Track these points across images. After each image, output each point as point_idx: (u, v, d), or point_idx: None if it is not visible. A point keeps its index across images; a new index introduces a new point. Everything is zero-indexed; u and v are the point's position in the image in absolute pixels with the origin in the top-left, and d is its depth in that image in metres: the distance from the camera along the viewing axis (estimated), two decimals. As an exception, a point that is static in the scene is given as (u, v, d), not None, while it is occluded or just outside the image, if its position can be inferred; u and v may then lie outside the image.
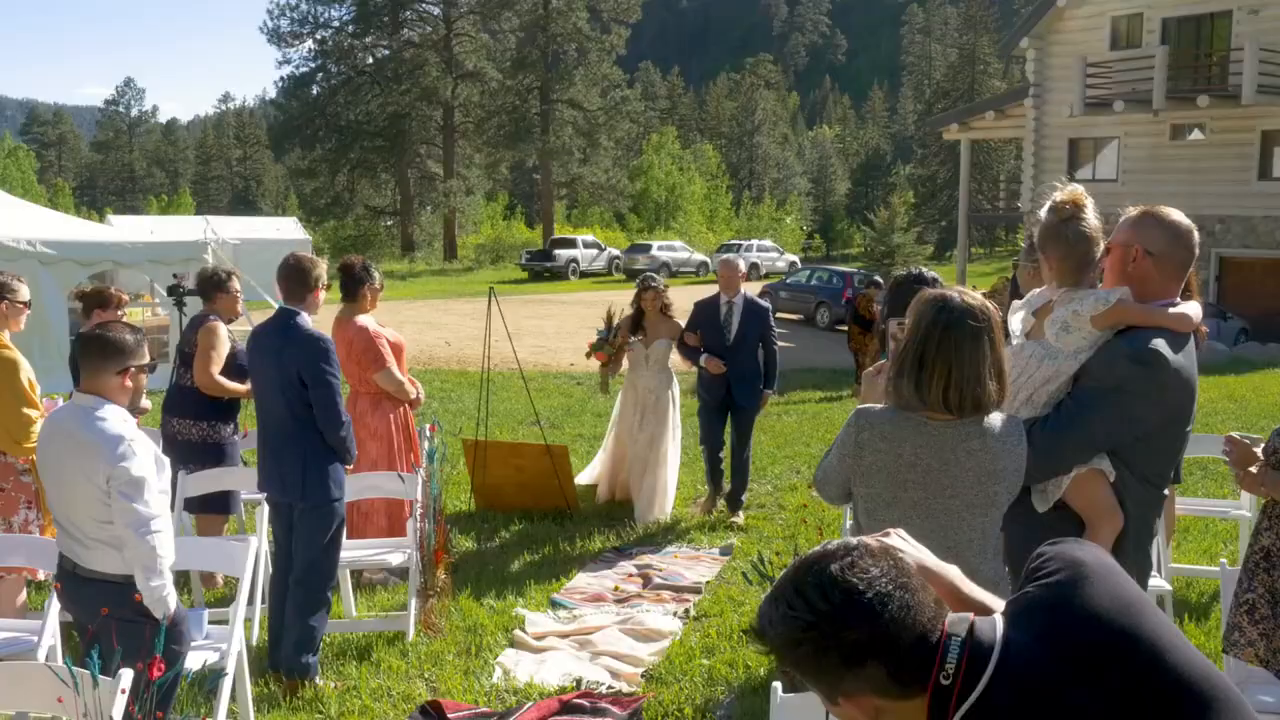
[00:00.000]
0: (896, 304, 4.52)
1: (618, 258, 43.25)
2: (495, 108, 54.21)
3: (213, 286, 6.25)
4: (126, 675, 2.98)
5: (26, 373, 5.18)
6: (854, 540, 1.54)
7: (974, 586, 1.69)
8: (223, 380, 6.04)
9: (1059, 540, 1.62)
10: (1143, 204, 3.24)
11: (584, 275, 41.37)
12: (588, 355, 8.51)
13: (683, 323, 8.07)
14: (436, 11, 55.64)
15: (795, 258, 46.97)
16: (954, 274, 31.57)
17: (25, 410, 5.06)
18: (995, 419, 2.75)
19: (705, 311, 7.93)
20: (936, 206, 65.83)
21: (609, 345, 8.22)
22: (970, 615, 1.51)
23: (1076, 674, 1.42)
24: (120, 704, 2.92)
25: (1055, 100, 27.21)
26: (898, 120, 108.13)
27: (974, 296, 2.78)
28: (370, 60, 55.95)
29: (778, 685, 2.88)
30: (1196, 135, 25.51)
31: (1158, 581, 4.99)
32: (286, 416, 4.85)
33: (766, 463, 9.88)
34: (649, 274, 8.18)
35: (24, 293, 5.44)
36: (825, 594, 1.45)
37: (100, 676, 2.98)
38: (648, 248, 42.94)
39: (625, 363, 8.30)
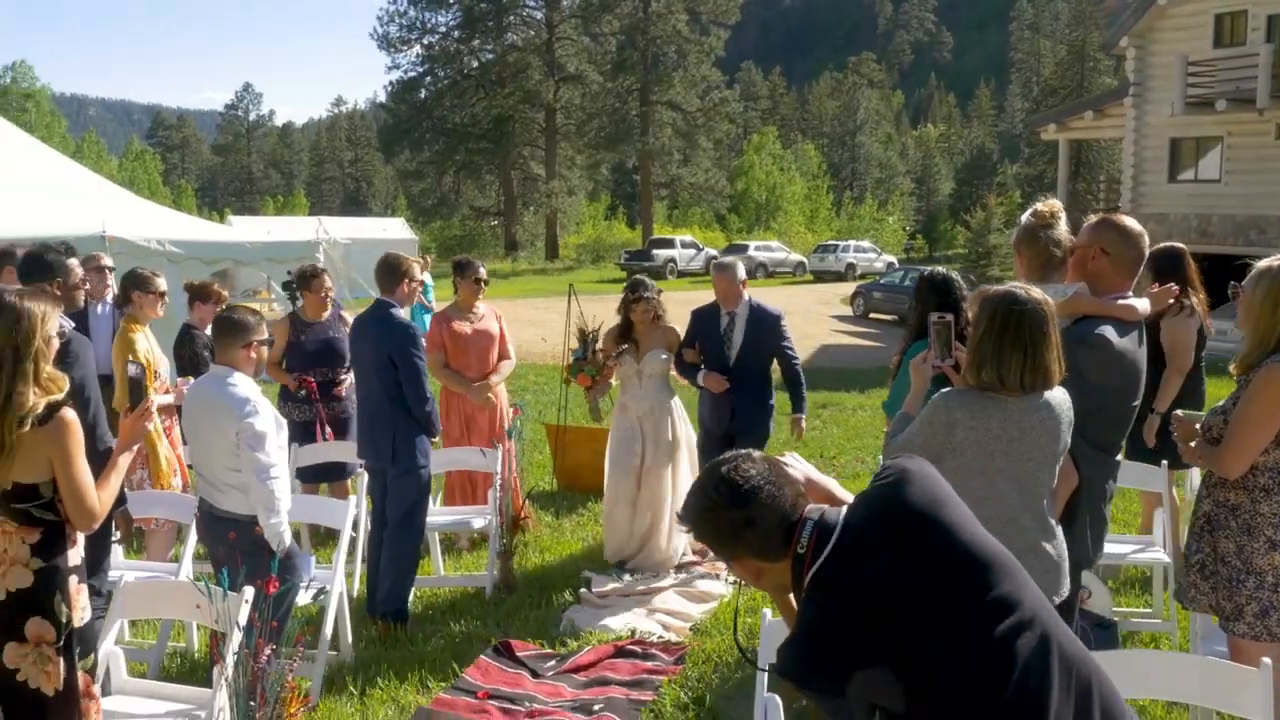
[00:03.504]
0: (934, 299, 5.05)
1: (715, 258, 43.83)
2: (596, 110, 55.23)
3: (300, 285, 7.09)
4: (249, 590, 3.72)
5: (142, 355, 5.82)
6: (743, 451, 2.16)
7: (844, 492, 2.28)
8: (274, 370, 6.88)
9: (898, 455, 2.21)
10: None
11: (681, 275, 42.03)
12: (567, 383, 7.33)
13: (680, 329, 6.93)
14: (539, 16, 56.96)
15: (893, 258, 46.88)
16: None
17: None
18: (1053, 391, 3.21)
19: (704, 322, 6.77)
20: (1042, 206, 64.73)
21: (590, 365, 6.93)
22: (824, 505, 2.12)
23: (887, 542, 2.02)
24: (245, 611, 3.66)
25: (1156, 100, 26.85)
26: (1005, 119, 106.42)
27: (1035, 290, 3.21)
28: (475, 64, 57.47)
29: (768, 611, 3.46)
30: (1306, 133, 24.97)
31: (1159, 555, 5.41)
32: (380, 394, 5.60)
33: (834, 452, 10.41)
34: (639, 278, 7.01)
35: (156, 284, 6.18)
36: (716, 487, 2.10)
37: (229, 591, 3.72)
38: (744, 248, 43.42)
39: (614, 379, 7.08)
